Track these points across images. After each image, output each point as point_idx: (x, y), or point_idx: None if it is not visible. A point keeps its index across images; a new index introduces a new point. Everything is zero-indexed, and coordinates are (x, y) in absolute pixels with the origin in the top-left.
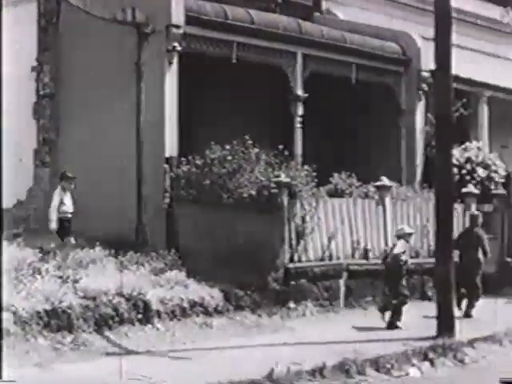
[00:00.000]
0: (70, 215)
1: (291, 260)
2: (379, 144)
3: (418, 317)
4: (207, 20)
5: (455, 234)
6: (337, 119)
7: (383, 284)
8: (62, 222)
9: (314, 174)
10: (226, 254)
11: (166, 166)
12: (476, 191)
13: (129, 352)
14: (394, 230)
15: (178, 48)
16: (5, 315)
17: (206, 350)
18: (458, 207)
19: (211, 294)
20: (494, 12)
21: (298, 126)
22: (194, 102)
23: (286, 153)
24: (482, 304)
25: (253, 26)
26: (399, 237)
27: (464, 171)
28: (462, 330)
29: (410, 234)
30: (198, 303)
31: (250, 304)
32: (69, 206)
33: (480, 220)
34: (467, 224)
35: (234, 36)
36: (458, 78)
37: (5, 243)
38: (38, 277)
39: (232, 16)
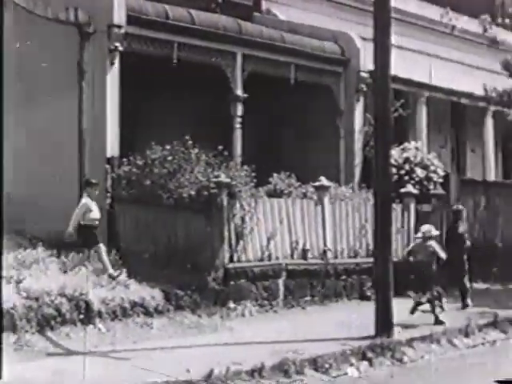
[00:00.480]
0: (97, 222)
1: (231, 260)
2: (318, 144)
3: (356, 316)
4: (148, 20)
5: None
6: (276, 120)
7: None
8: (90, 229)
9: (254, 174)
10: (167, 254)
11: (108, 166)
12: (415, 191)
13: (71, 352)
14: (332, 230)
15: (120, 48)
16: None
17: (147, 350)
18: (396, 207)
19: (152, 295)
20: (434, 12)
21: (238, 126)
22: (136, 103)
23: (226, 153)
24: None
25: (193, 26)
26: (426, 238)
27: (402, 171)
28: (401, 329)
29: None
30: (139, 303)
31: (189, 304)
32: (96, 213)
33: (464, 215)
34: (405, 224)
35: (174, 36)
36: (396, 79)
37: None
38: None
39: (173, 16)
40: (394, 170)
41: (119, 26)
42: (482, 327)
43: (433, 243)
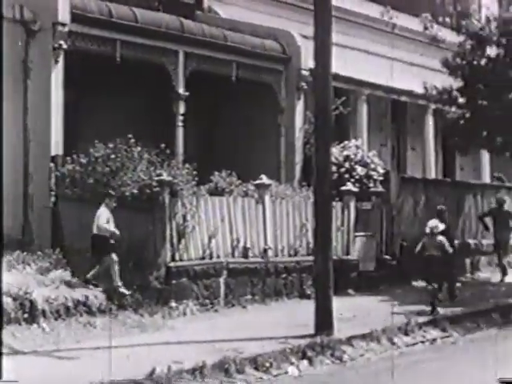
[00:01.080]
0: (114, 233)
1: (173, 259)
2: (259, 142)
3: (296, 315)
4: (92, 18)
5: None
6: (219, 118)
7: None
8: (104, 239)
9: (195, 172)
10: None
11: (52, 164)
12: (355, 189)
13: (16, 352)
14: (272, 229)
15: (64, 46)
16: None
17: (90, 349)
18: (336, 205)
19: (95, 294)
20: (375, 10)
21: (180, 124)
22: (80, 101)
23: (168, 151)
24: (361, 302)
25: (136, 25)
26: (435, 234)
27: (343, 169)
28: (341, 328)
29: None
30: (82, 302)
31: (132, 303)
32: (111, 225)
33: (446, 215)
34: (345, 222)
35: (118, 34)
36: (337, 77)
37: None
38: None
39: (116, 14)
40: (334, 168)
41: (63, 24)
42: (422, 325)
43: (442, 238)
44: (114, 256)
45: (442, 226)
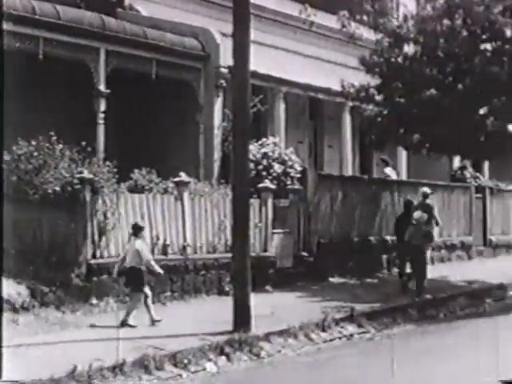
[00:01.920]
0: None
1: (94, 256)
2: (179, 140)
3: (215, 311)
4: (15, 15)
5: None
6: (140, 115)
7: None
8: (140, 272)
9: (116, 170)
10: (33, 251)
11: None
12: (272, 186)
13: None
14: (191, 226)
15: None
16: None
17: (13, 347)
18: (254, 202)
19: (18, 291)
20: (293, 8)
21: (101, 122)
22: (4, 99)
23: (90, 149)
24: (278, 298)
25: (59, 22)
26: (421, 224)
27: (261, 167)
28: (259, 324)
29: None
30: (5, 300)
31: (54, 300)
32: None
33: (413, 205)
34: (263, 219)
35: (41, 31)
36: (255, 74)
37: None
38: None
39: (40, 11)
40: (252, 166)
41: None
42: (339, 321)
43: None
44: (148, 290)
45: (426, 216)
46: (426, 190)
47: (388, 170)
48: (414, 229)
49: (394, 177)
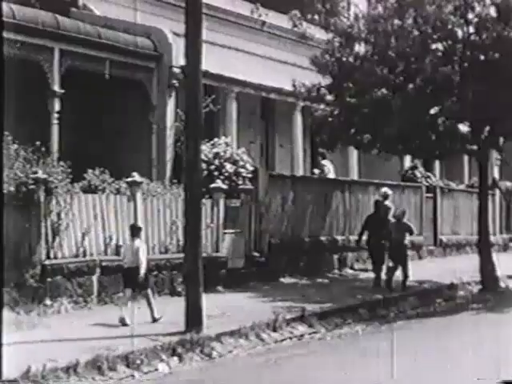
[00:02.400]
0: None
1: (48, 256)
2: (132, 140)
3: (167, 312)
4: None
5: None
6: (93, 115)
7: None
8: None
9: (69, 170)
10: None
11: None
12: (224, 186)
13: None
14: (143, 226)
15: None
16: None
17: None
18: (206, 202)
19: None
20: (244, 8)
21: (55, 122)
22: None
23: (44, 149)
24: (230, 298)
25: (14, 21)
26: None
27: (212, 167)
28: (211, 325)
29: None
30: None
31: (9, 301)
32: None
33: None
34: (215, 219)
35: None
36: (207, 74)
37: None
38: None
39: None
40: (204, 166)
41: None
42: (290, 321)
43: (407, 222)
44: (149, 290)
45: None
46: (387, 190)
47: (325, 162)
48: (395, 225)
49: (331, 169)
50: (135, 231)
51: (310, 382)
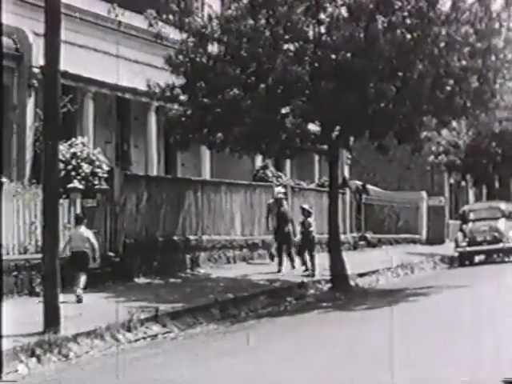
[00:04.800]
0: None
1: None
2: None
3: (27, 312)
4: None
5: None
6: None
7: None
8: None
9: None
10: None
11: None
12: (81, 186)
13: None
14: (4, 227)
15: None
16: None
17: None
18: (63, 203)
19: None
20: (101, 8)
21: None
22: None
23: None
24: (87, 298)
25: None
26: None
27: (70, 167)
28: (68, 326)
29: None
30: None
31: None
32: None
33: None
34: (72, 219)
35: None
36: (66, 74)
37: None
38: None
39: None
40: (61, 166)
41: None
42: (144, 321)
43: (310, 219)
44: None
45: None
46: (280, 189)
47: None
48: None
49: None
50: (79, 220)
51: (163, 381)
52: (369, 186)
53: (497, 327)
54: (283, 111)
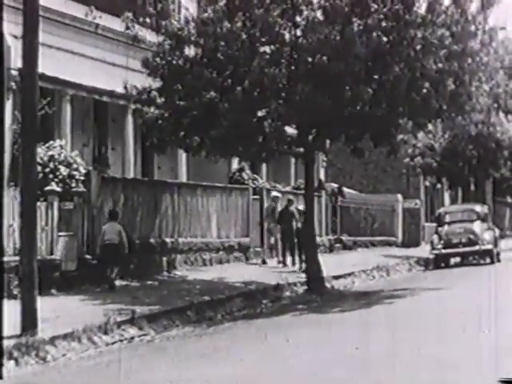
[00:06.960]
0: None
1: None
2: None
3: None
4: None
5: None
6: None
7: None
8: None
9: None
10: None
11: None
12: (58, 189)
13: None
14: None
15: None
16: None
17: None
18: (41, 205)
19: None
20: (79, 10)
21: None
22: None
23: None
24: (64, 301)
25: None
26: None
27: (47, 169)
28: (46, 328)
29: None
30: None
31: None
32: None
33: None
34: (50, 222)
35: None
36: (44, 77)
37: None
38: None
39: None
40: (39, 168)
41: None
42: (121, 324)
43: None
44: None
45: (301, 207)
46: (276, 194)
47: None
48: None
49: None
50: (113, 215)
51: None
52: (345, 189)
53: (473, 328)
54: (260, 114)
